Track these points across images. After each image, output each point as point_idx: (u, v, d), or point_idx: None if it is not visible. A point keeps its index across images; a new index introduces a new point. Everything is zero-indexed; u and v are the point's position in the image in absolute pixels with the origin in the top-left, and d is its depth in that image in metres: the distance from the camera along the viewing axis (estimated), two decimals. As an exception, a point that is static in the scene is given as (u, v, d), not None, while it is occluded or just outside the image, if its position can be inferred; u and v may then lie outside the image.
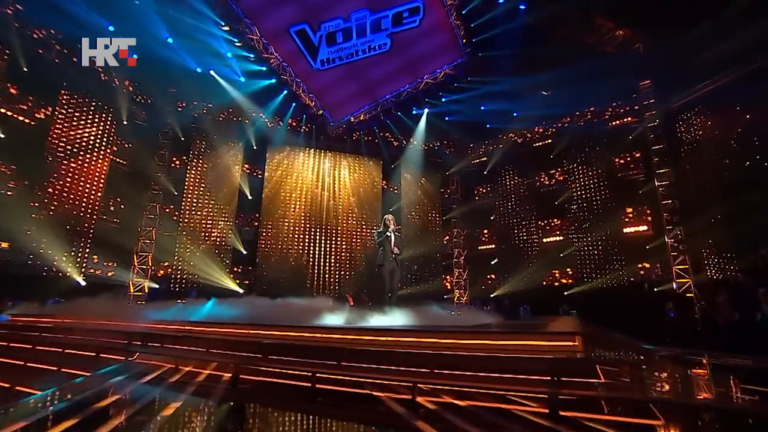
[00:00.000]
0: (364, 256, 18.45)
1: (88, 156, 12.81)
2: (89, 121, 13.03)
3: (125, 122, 13.63)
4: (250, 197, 16.83)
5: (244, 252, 16.47)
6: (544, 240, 17.69)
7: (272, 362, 4.79)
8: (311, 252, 17.62)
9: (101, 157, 13.08)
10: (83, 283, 12.08)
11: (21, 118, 11.46)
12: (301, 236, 17.56)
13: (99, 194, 12.98)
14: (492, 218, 19.32)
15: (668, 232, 14.50)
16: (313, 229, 17.80)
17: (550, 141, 17.86)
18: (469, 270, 19.58)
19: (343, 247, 18.21)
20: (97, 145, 13.09)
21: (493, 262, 18.81)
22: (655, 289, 14.60)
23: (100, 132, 13.23)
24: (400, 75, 15.99)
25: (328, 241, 17.97)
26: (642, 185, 15.59)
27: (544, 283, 17.15)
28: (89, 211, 12.76)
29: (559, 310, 16.08)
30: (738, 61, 12.88)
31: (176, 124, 14.96)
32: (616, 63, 14.60)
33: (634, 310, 13.85)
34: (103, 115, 13.44)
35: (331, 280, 17.70)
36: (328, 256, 17.85)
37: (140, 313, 7.49)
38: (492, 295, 18.17)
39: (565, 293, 16.39)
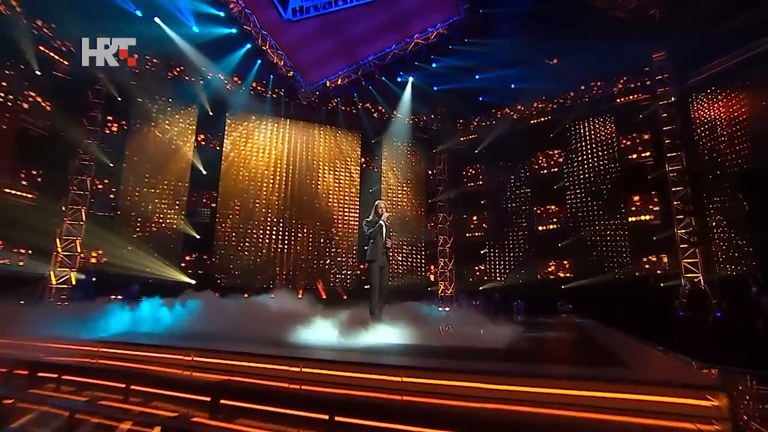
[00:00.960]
0: (339, 242, 16.94)
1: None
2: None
3: (38, 73, 11.30)
4: (205, 173, 14.87)
5: (198, 237, 14.61)
6: (541, 228, 16.72)
7: (229, 416, 3.31)
8: (278, 237, 15.95)
9: (4, 115, 10.77)
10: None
11: None
12: (267, 219, 15.83)
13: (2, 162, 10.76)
14: (483, 203, 18.17)
15: (678, 223, 13.74)
16: (280, 212, 16.08)
17: (550, 118, 16.71)
18: (455, 260, 18.46)
19: (316, 232, 16.61)
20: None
21: (482, 252, 17.74)
22: (662, 285, 13.92)
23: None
24: (386, 33, 14.28)
25: (298, 226, 16.32)
26: (651, 170, 14.74)
27: (539, 275, 16.24)
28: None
29: (557, 306, 15.26)
30: (765, 32, 11.99)
31: (110, 80, 12.72)
32: (628, 30, 13.47)
33: (638, 306, 13.13)
34: (6, 62, 11.03)
35: (302, 267, 16.13)
36: (297, 242, 16.24)
37: (45, 322, 5.76)
38: (481, 288, 17.16)
39: (563, 287, 15.55)
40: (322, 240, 16.67)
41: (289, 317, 6.93)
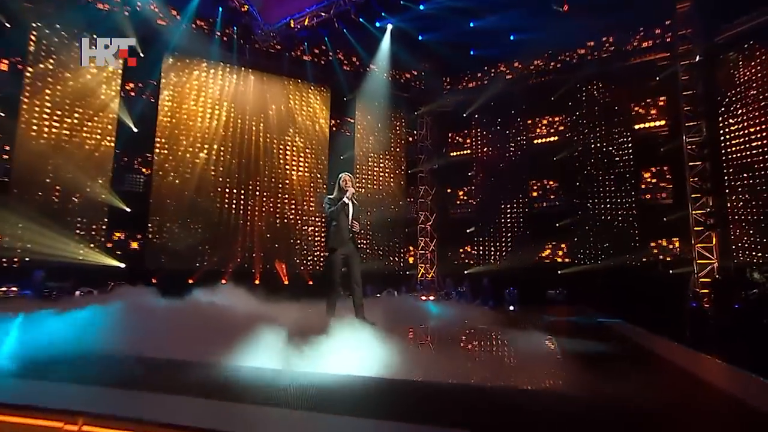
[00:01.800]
0: (305, 219, 14.97)
1: None
2: None
3: None
4: (136, 130, 12.41)
5: (128, 210, 12.31)
6: (537, 205, 15.31)
7: None
8: (229, 211, 13.82)
9: None
10: None
11: None
12: (217, 189, 13.62)
13: None
14: (470, 174, 16.54)
15: (693, 203, 12.58)
16: (231, 180, 13.88)
17: (552, 78, 15.01)
18: (438, 240, 16.91)
19: (275, 205, 14.55)
20: None
21: (469, 231, 16.24)
22: (671, 272, 12.87)
23: None
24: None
25: (254, 198, 14.20)
26: (665, 142, 13.45)
27: (535, 259, 14.94)
28: None
29: (551, 293, 14.07)
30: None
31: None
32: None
33: (643, 295, 12.04)
34: None
35: (261, 247, 14.13)
36: (255, 217, 14.17)
37: None
38: (466, 272, 15.75)
39: (559, 272, 14.34)
40: (278, 217, 14.65)
41: (226, 323, 5.14)
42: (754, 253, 11.60)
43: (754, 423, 2.62)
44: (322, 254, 15.00)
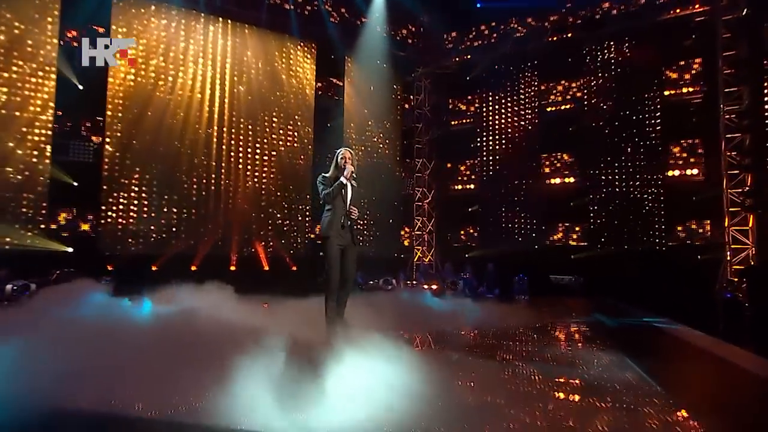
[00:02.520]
0: (290, 195, 13.49)
1: None
2: None
3: None
4: (81, 87, 10.65)
5: (75, 185, 10.69)
6: (549, 182, 14.07)
7: None
8: (202, 185, 12.28)
9: None
10: None
11: None
12: (184, 159, 12.00)
13: None
14: (473, 146, 15.17)
15: (730, 180, 11.47)
16: (203, 150, 12.27)
17: (570, 36, 13.54)
18: (436, 219, 15.64)
19: (256, 180, 13.02)
20: None
21: (471, 210, 15.00)
22: (699, 257, 11.85)
23: None
24: None
25: (230, 170, 12.63)
26: (699, 111, 12.23)
27: (546, 242, 13.80)
28: None
29: (557, 279, 13.11)
30: None
31: None
32: None
33: (667, 282, 11.10)
34: None
35: (238, 227, 12.67)
36: (227, 193, 12.65)
37: None
38: (468, 256, 14.58)
39: (572, 257, 13.26)
40: (263, 194, 13.16)
41: (189, 344, 3.85)
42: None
43: None
44: (309, 236, 13.65)
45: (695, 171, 12.23)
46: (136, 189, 11.35)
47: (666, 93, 12.49)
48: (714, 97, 11.76)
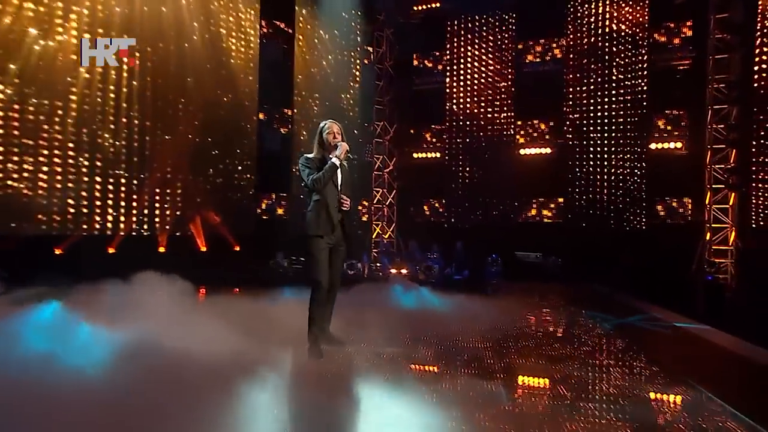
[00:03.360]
0: (231, 157, 11.75)
1: None
2: None
3: None
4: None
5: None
6: (524, 152, 13.27)
7: None
8: (114, 147, 10.29)
9: None
10: None
11: None
12: (92, 114, 9.88)
13: None
14: (440, 110, 14.01)
15: (714, 154, 11.15)
16: (122, 104, 10.19)
17: (552, -13, 12.51)
18: (398, 191, 14.52)
19: (185, 137, 11.12)
20: None
21: (437, 181, 13.99)
22: (679, 237, 11.62)
23: None
24: None
25: (157, 128, 10.66)
26: (686, 77, 11.74)
27: (519, 219, 13.13)
28: None
29: (522, 255, 12.62)
30: None
31: None
32: None
33: (648, 264, 10.82)
34: None
35: (167, 199, 10.89)
36: (151, 156, 10.74)
37: None
38: (430, 232, 13.66)
39: (547, 234, 12.72)
40: (203, 165, 11.34)
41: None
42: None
43: None
44: (256, 209, 12.10)
45: (679, 144, 11.82)
46: (34, 152, 9.20)
47: (652, 57, 11.84)
48: (704, 63, 11.26)
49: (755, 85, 10.76)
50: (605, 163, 12.07)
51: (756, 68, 10.75)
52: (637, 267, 10.58)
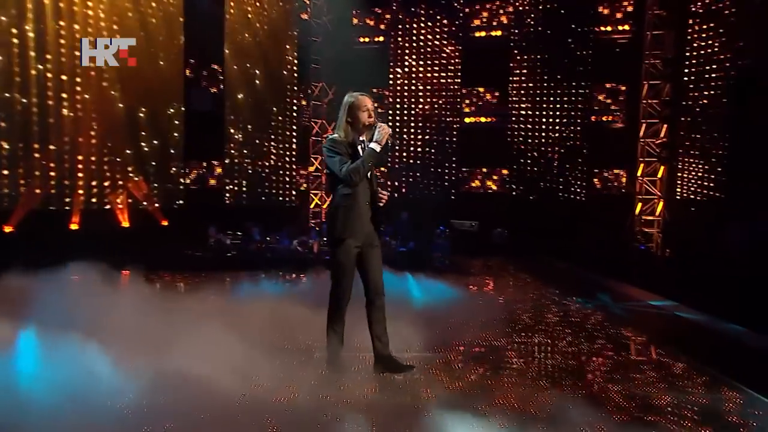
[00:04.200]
0: (156, 123, 10.64)
1: None
2: None
3: None
4: None
5: None
6: (468, 120, 13.40)
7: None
8: (22, 112, 8.96)
9: None
10: None
11: None
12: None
13: None
14: (383, 71, 13.63)
15: (647, 128, 11.98)
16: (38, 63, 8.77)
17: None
18: (339, 159, 14.07)
19: (101, 97, 9.88)
20: None
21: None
22: (614, 208, 12.48)
23: None
24: None
25: (69, 88, 9.39)
26: (624, 51, 12.34)
27: (465, 187, 13.38)
28: None
29: (458, 223, 12.87)
30: None
31: None
32: None
33: (588, 234, 11.59)
34: None
35: (83, 168, 9.69)
36: (65, 123, 9.49)
37: None
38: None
39: (492, 205, 13.11)
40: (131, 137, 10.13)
41: None
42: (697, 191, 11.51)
43: None
44: (184, 180, 11.15)
45: (617, 117, 12.54)
46: None
47: (600, 30, 12.28)
48: (641, 37, 11.85)
49: (686, 62, 11.53)
50: (549, 134, 12.52)
51: (688, 47, 11.53)
52: (582, 239, 11.27)
